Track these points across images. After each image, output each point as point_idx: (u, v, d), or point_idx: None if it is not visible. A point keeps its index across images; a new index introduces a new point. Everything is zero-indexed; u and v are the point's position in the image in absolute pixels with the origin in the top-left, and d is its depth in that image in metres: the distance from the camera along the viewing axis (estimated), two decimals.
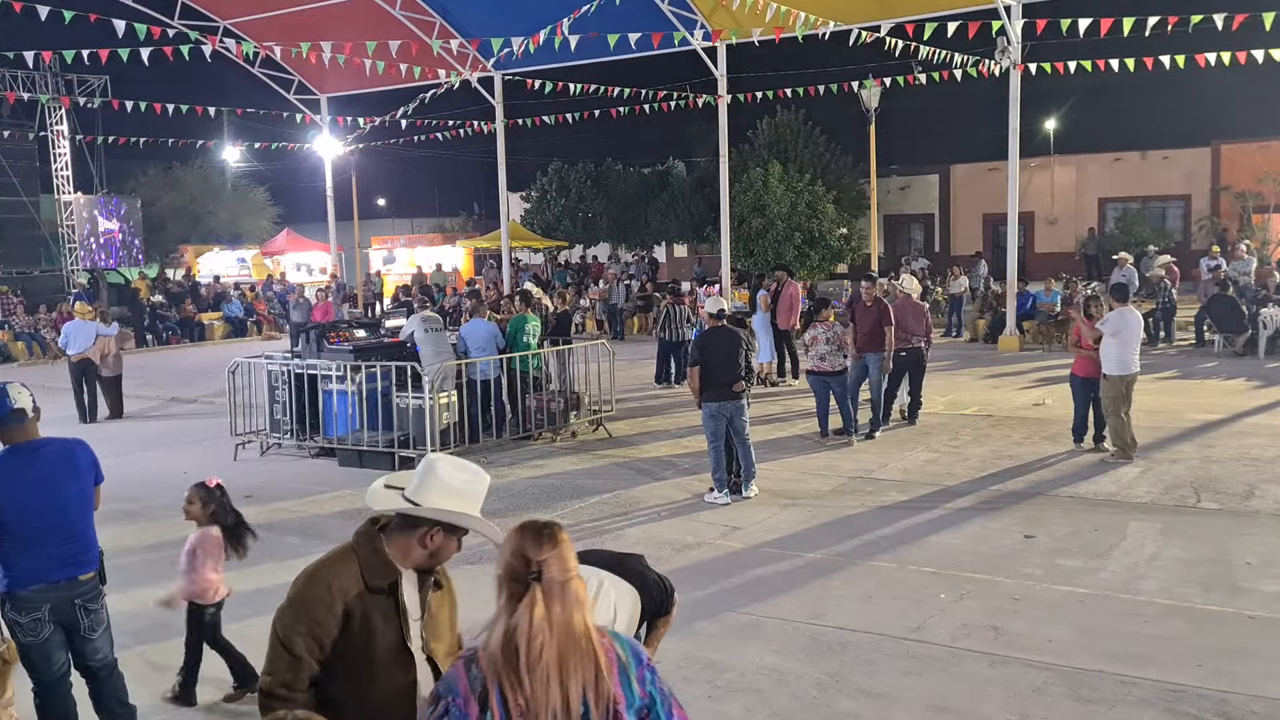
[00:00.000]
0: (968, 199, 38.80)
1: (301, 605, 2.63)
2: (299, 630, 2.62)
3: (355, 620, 2.65)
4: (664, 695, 2.45)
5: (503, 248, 28.39)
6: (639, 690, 2.39)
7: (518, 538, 2.44)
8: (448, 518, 2.74)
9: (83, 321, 15.03)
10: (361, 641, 2.66)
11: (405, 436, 10.86)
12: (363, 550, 2.73)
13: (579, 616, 2.36)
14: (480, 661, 2.35)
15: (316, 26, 22.49)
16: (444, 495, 2.74)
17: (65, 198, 31.17)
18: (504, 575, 2.43)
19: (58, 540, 4.37)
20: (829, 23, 17.82)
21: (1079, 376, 10.59)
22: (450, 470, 2.78)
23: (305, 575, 2.69)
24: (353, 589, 2.65)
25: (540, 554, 2.39)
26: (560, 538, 2.44)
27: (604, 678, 2.32)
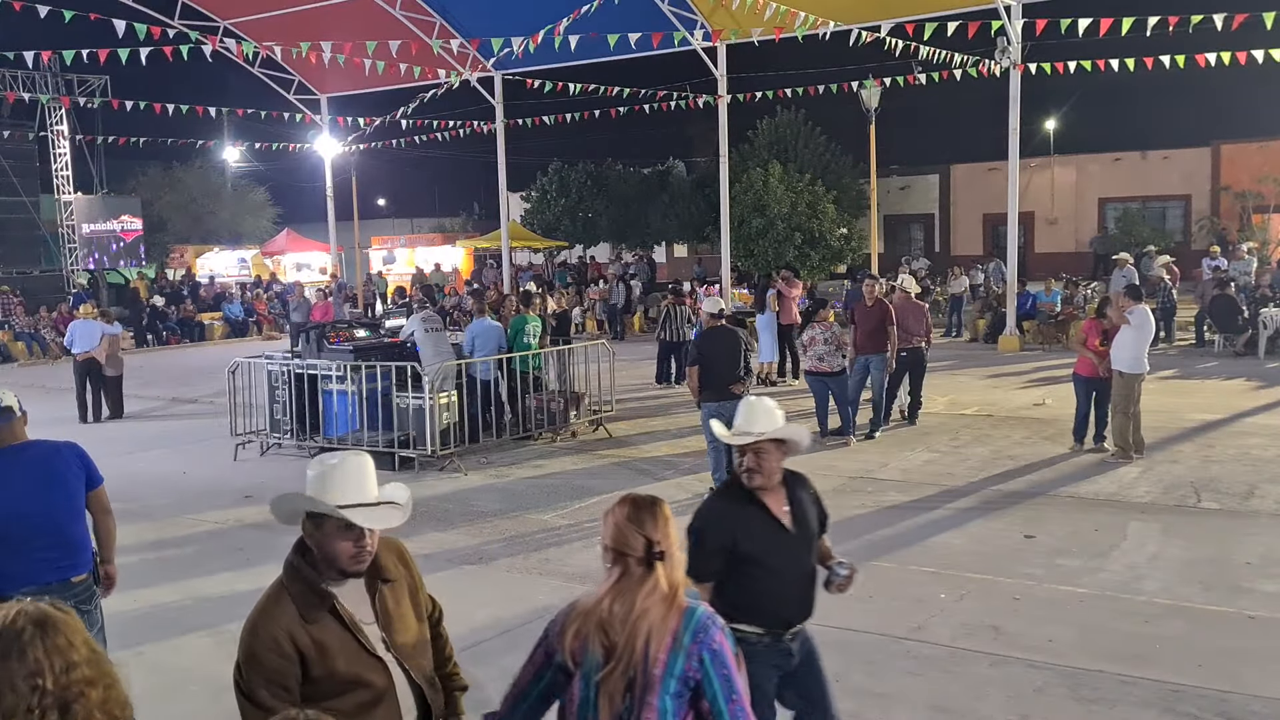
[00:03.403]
0: (968, 199, 38.81)
1: (255, 662, 2.64)
2: (260, 683, 2.62)
3: (310, 654, 2.66)
4: (726, 681, 2.57)
5: (503, 248, 28.39)
6: (684, 664, 2.56)
7: (637, 515, 2.67)
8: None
9: (88, 321, 15.04)
10: (324, 670, 2.68)
11: (405, 436, 10.86)
12: (293, 586, 2.73)
13: (679, 583, 2.64)
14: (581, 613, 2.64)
15: (316, 26, 22.49)
16: (310, 495, 2.73)
17: (65, 198, 31.18)
18: (619, 548, 2.65)
19: (45, 543, 4.35)
20: (829, 23, 17.82)
21: (1082, 376, 10.59)
22: (312, 467, 2.80)
23: (248, 630, 2.69)
24: (296, 627, 2.66)
25: (658, 533, 2.65)
26: (669, 515, 2.72)
27: (663, 635, 2.56)
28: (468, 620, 6.31)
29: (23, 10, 15.14)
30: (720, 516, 3.66)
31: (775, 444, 3.63)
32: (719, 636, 2.60)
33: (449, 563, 7.63)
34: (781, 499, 3.70)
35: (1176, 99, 38.46)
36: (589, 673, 2.61)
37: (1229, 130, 34.87)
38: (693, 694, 2.58)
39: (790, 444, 3.66)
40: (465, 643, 5.96)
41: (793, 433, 3.66)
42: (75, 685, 1.90)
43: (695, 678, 2.57)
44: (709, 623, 2.62)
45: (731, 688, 2.57)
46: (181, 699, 5.47)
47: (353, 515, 2.69)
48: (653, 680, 2.55)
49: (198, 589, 7.20)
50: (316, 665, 2.66)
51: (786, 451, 3.66)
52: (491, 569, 7.45)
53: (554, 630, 2.71)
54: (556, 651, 2.67)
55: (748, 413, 3.67)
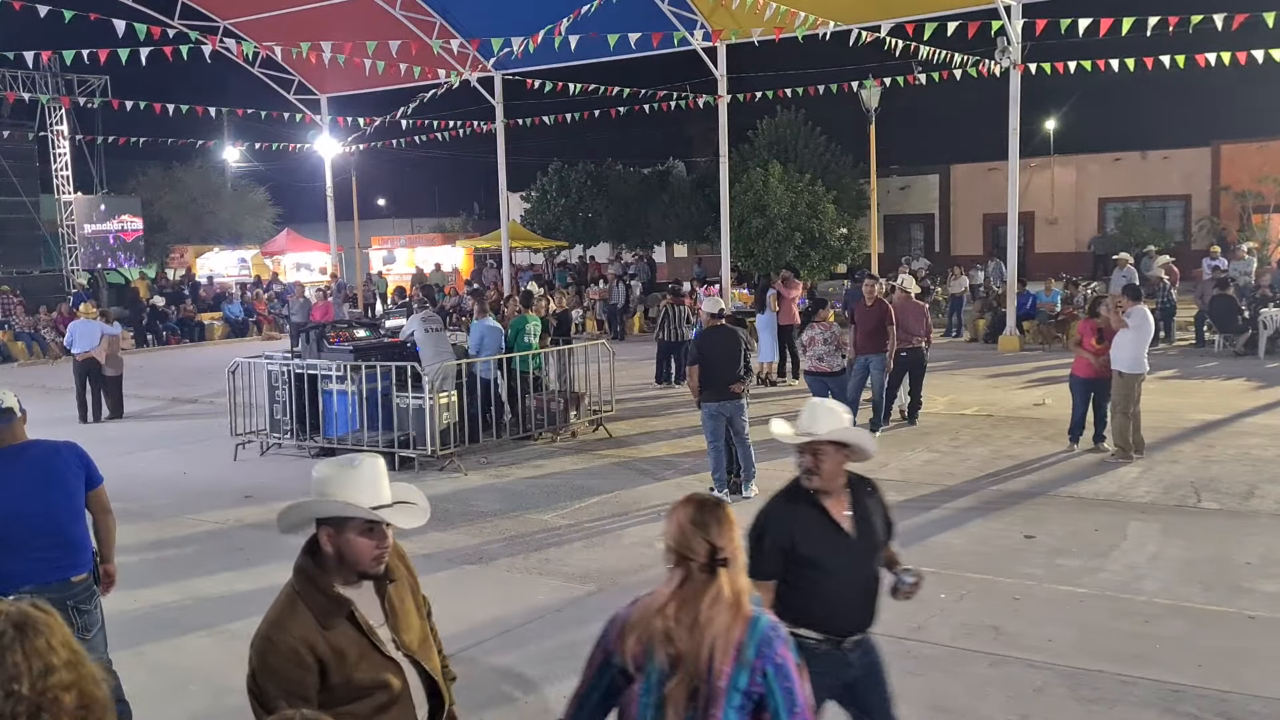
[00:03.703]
0: (968, 199, 38.81)
1: (272, 674, 2.59)
2: (279, 696, 2.57)
3: (330, 662, 2.63)
4: (789, 694, 2.55)
5: (503, 248, 28.39)
6: (748, 678, 2.54)
7: (701, 518, 2.63)
8: (297, 513, 2.75)
9: (88, 321, 15.04)
10: (343, 677, 2.64)
11: (405, 436, 10.86)
12: (307, 593, 2.69)
13: (742, 589, 2.61)
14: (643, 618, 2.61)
15: (316, 26, 22.48)
16: (319, 495, 2.72)
17: (65, 198, 31.18)
18: (682, 551, 2.62)
19: (45, 543, 4.36)
20: (829, 23, 17.82)
21: (1079, 377, 10.59)
22: (318, 469, 2.77)
23: (263, 641, 2.62)
24: (314, 635, 2.62)
25: (722, 538, 2.61)
26: (733, 518, 2.68)
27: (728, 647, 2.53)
28: (468, 620, 6.31)
29: (23, 10, 15.13)
30: (780, 516, 3.61)
31: (836, 447, 3.56)
32: (783, 650, 2.58)
33: (449, 563, 7.63)
34: (844, 503, 3.63)
35: (1176, 99, 38.50)
36: (651, 679, 2.59)
37: (1229, 130, 34.89)
38: (755, 705, 2.56)
39: (855, 448, 3.59)
40: (465, 642, 5.97)
41: (853, 436, 3.59)
42: (51, 690, 1.88)
43: (759, 691, 2.55)
44: (773, 635, 2.59)
45: (794, 700, 2.55)
46: (181, 699, 5.47)
47: (388, 516, 2.69)
48: (717, 693, 2.53)
49: (198, 589, 7.20)
50: (335, 673, 2.63)
51: (849, 455, 3.59)
52: (491, 569, 7.45)
53: (613, 632, 2.69)
54: (615, 653, 2.66)
55: (810, 413, 3.62)
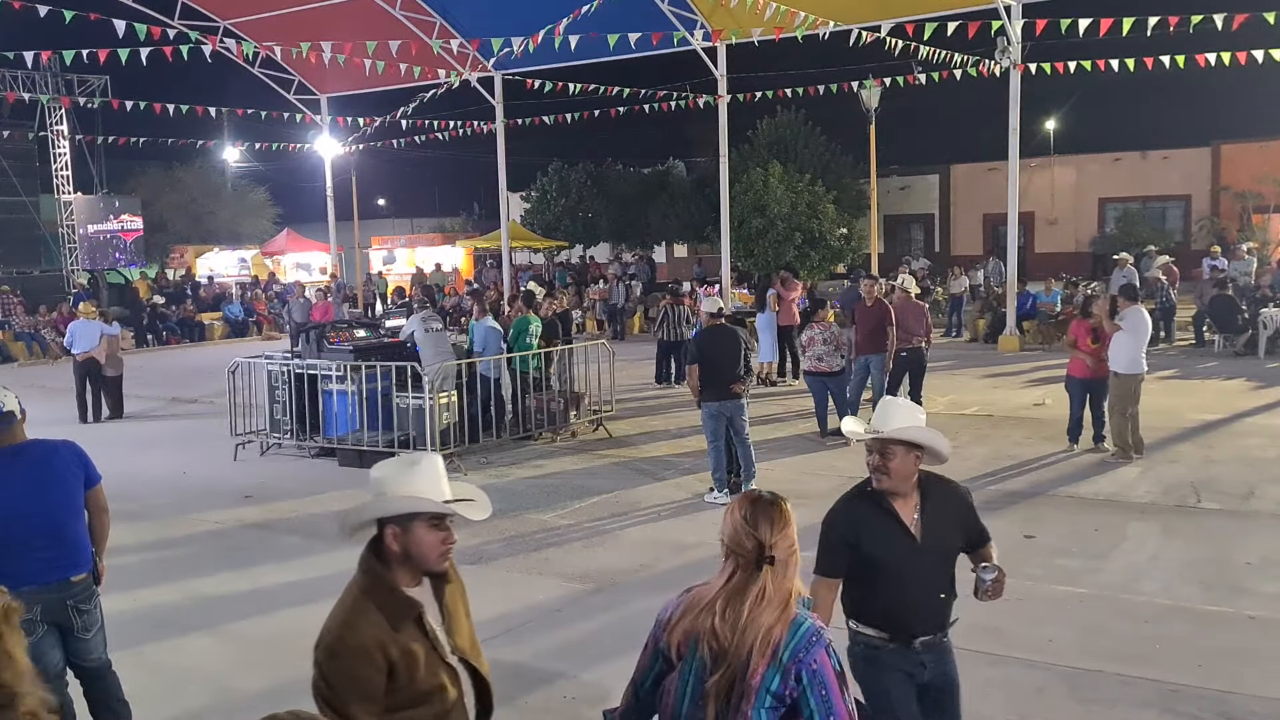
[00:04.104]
0: (968, 199, 38.81)
1: (347, 676, 2.54)
2: (354, 699, 2.54)
3: (399, 665, 2.60)
4: (824, 702, 2.51)
5: (503, 248, 28.39)
6: (781, 681, 2.52)
7: (753, 515, 2.64)
8: (368, 513, 2.70)
9: (88, 321, 15.04)
10: (408, 680, 2.62)
11: (405, 436, 10.86)
12: (377, 595, 2.65)
13: (790, 590, 2.60)
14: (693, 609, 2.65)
15: (316, 26, 22.48)
16: (379, 494, 2.70)
17: (65, 198, 31.17)
18: (733, 547, 2.64)
19: (45, 543, 4.36)
20: (829, 23, 17.81)
21: (1075, 378, 10.58)
22: (378, 470, 2.75)
23: (336, 642, 2.56)
24: (386, 637, 2.60)
25: (773, 537, 2.61)
26: (789, 516, 2.67)
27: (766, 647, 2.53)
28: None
29: (23, 10, 15.13)
30: (848, 513, 3.59)
31: (907, 447, 3.50)
32: (820, 656, 2.53)
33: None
34: (913, 506, 3.55)
35: (1176, 99, 38.52)
36: (689, 669, 2.62)
37: (1229, 130, 34.89)
38: (790, 709, 2.53)
39: (928, 450, 3.53)
40: None
41: (923, 436, 3.50)
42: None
43: (792, 695, 2.52)
44: (812, 640, 2.55)
45: (829, 708, 2.51)
46: (181, 699, 5.47)
47: (465, 511, 2.70)
48: (749, 691, 2.52)
49: (198, 589, 7.20)
50: (402, 676, 2.60)
51: (921, 457, 3.53)
52: (491, 569, 7.44)
53: (663, 620, 2.73)
54: (662, 641, 2.71)
55: (883, 410, 3.58)
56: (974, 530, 3.68)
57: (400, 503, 2.65)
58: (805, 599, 2.68)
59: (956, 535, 3.62)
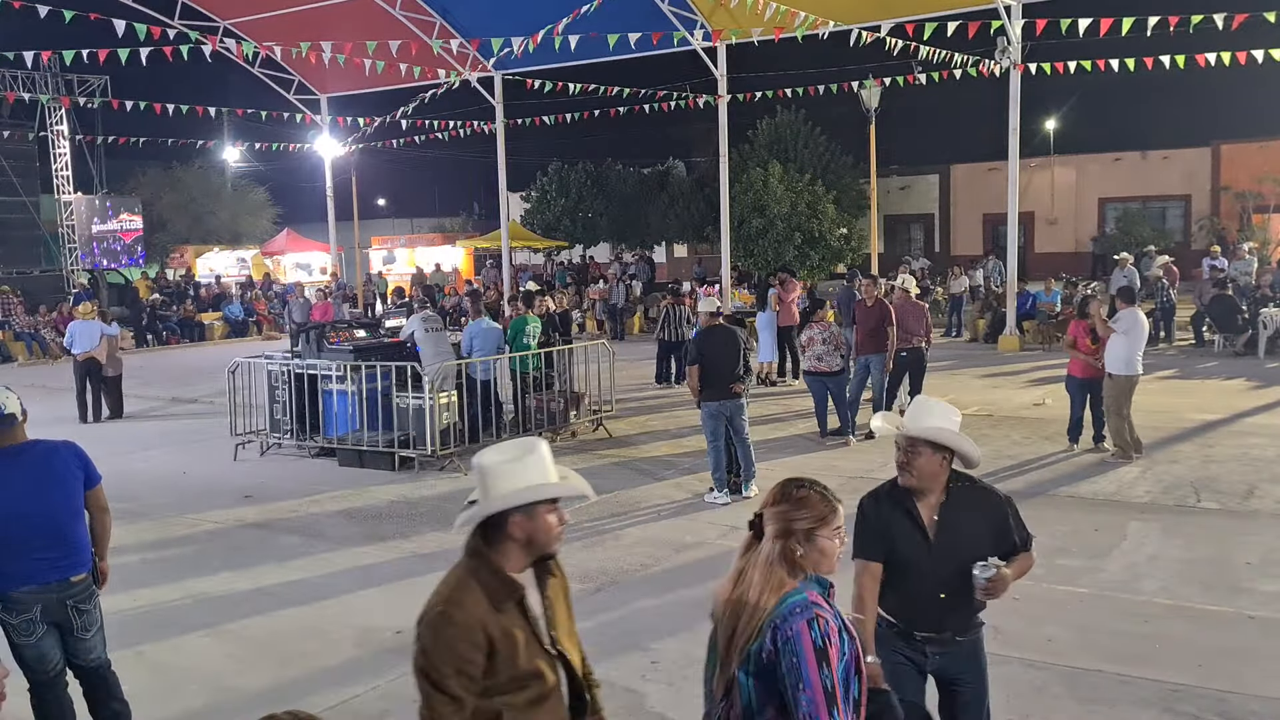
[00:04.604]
0: (968, 199, 38.81)
1: (448, 650, 2.56)
2: (451, 673, 2.55)
3: (499, 645, 2.62)
4: (794, 669, 2.55)
5: (503, 248, 28.39)
6: (759, 645, 2.60)
7: (773, 491, 2.76)
8: (501, 503, 2.71)
9: (87, 321, 15.04)
10: (507, 662, 2.63)
11: (405, 436, 10.86)
12: (481, 575, 2.68)
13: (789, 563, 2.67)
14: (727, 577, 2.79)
15: (316, 26, 22.48)
16: (497, 483, 2.74)
17: (65, 198, 31.16)
18: (763, 524, 2.74)
19: (45, 543, 4.37)
20: (829, 23, 17.81)
21: (1075, 377, 10.59)
22: (493, 459, 2.80)
23: (438, 617, 2.60)
24: (488, 616, 2.62)
25: (772, 509, 2.72)
26: (801, 497, 2.72)
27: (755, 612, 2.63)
28: None
29: (23, 10, 15.13)
30: (874, 505, 3.66)
31: (934, 448, 3.51)
32: (799, 626, 2.56)
33: (449, 563, 7.55)
34: (934, 507, 3.58)
35: (1176, 99, 38.49)
36: (713, 639, 2.76)
37: (1229, 130, 34.88)
38: (774, 677, 2.59)
39: (958, 453, 3.54)
40: None
41: (946, 437, 3.51)
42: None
43: (770, 660, 2.59)
44: (795, 611, 2.59)
45: (799, 676, 2.53)
46: (181, 699, 5.46)
47: (582, 489, 2.81)
48: (735, 652, 2.64)
49: (198, 589, 7.20)
50: (502, 657, 2.62)
51: (948, 459, 3.54)
52: None
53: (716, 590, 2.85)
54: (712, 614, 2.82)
55: (915, 409, 3.61)
56: (1007, 539, 3.65)
57: (532, 492, 2.72)
58: (822, 579, 2.71)
59: (981, 541, 3.59)
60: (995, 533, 3.63)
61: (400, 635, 6.20)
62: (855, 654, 2.65)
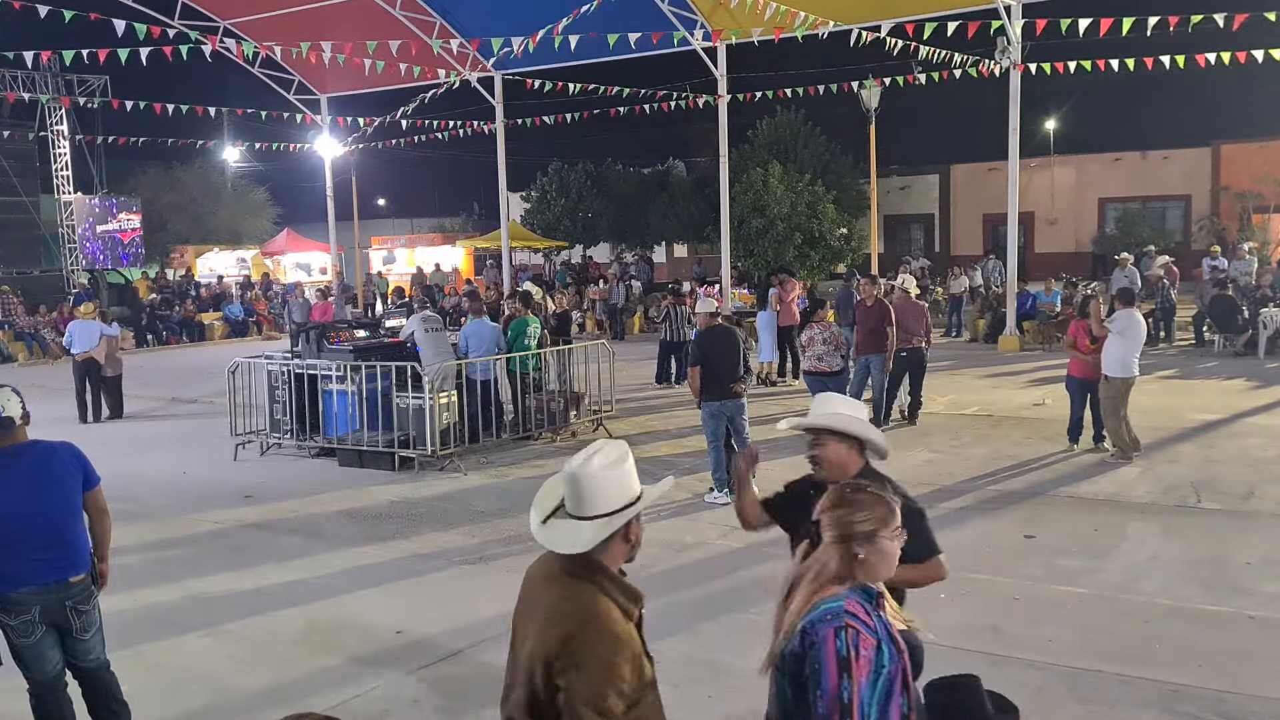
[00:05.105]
0: (968, 199, 38.80)
1: (605, 671, 2.49)
2: (609, 694, 2.48)
3: (636, 655, 2.60)
4: (815, 676, 2.54)
5: (503, 248, 28.39)
6: (789, 648, 2.62)
7: (829, 494, 2.75)
8: (623, 517, 2.72)
9: (87, 321, 15.04)
10: (641, 671, 2.60)
11: (405, 436, 10.86)
12: (606, 586, 2.64)
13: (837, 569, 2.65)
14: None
15: (316, 26, 22.48)
16: (626, 486, 2.74)
17: (65, 198, 31.17)
18: (835, 533, 2.71)
19: (43, 544, 4.37)
20: (829, 23, 17.82)
21: (1075, 378, 10.59)
22: (602, 464, 2.78)
23: (594, 639, 2.50)
24: (624, 627, 2.59)
25: (828, 515, 2.70)
26: (859, 501, 2.70)
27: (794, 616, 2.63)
28: (468, 619, 6.32)
29: (23, 10, 15.13)
30: (791, 490, 3.80)
31: (839, 438, 3.58)
32: (825, 632, 2.54)
33: (449, 563, 7.63)
34: None
35: (1176, 99, 38.49)
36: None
37: (1229, 130, 34.86)
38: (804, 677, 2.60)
39: (869, 445, 3.62)
40: (466, 641, 5.98)
41: (845, 424, 3.58)
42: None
43: (799, 665, 2.60)
44: (826, 617, 2.58)
45: (819, 682, 2.51)
46: (181, 699, 5.46)
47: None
48: (775, 653, 2.66)
49: (198, 589, 7.20)
50: (637, 667, 2.58)
51: (855, 450, 3.61)
52: (491, 569, 7.44)
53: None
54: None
55: (816, 403, 3.72)
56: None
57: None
58: (869, 589, 2.68)
59: None
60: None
61: (400, 635, 6.21)
62: (902, 669, 2.60)
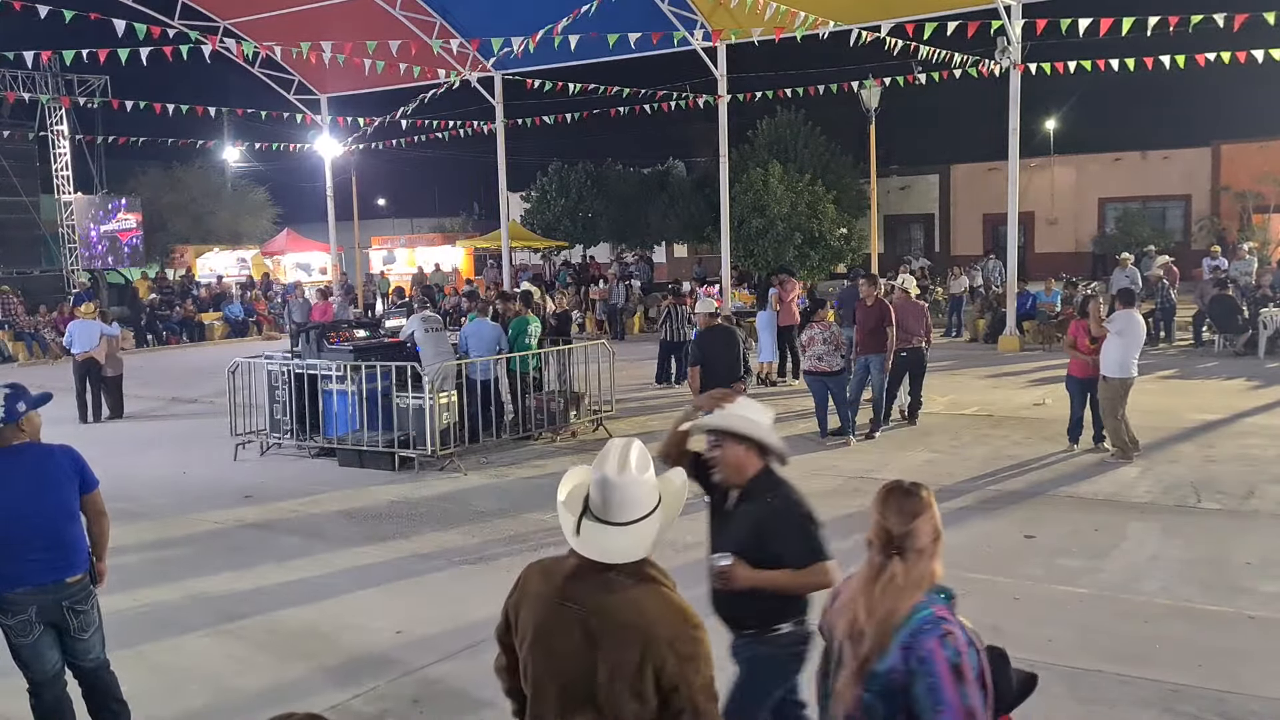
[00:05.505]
0: (968, 199, 38.80)
1: (710, 664, 2.62)
2: (713, 676, 2.62)
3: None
4: (931, 691, 2.50)
5: (503, 248, 28.40)
6: (889, 665, 2.55)
7: (883, 503, 2.70)
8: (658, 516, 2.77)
9: (87, 321, 15.04)
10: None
11: (405, 436, 10.86)
12: (665, 578, 2.71)
13: (921, 577, 2.62)
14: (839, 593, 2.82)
15: (316, 26, 22.48)
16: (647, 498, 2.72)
17: (65, 198, 31.16)
18: (870, 534, 2.71)
19: (39, 545, 4.38)
20: (829, 23, 17.82)
21: (1075, 377, 10.58)
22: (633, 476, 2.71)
23: (700, 634, 2.60)
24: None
25: (901, 525, 2.64)
26: (923, 505, 2.66)
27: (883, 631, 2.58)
28: (467, 619, 6.32)
29: (23, 10, 15.13)
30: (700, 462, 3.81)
31: (734, 438, 3.60)
32: (931, 644, 2.53)
33: (449, 563, 7.63)
34: (732, 501, 3.73)
35: (1176, 99, 38.51)
36: (833, 653, 2.75)
37: (1229, 130, 34.87)
38: (904, 695, 2.55)
39: (771, 450, 3.64)
40: (465, 641, 5.97)
41: (731, 422, 3.61)
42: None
43: (901, 681, 2.54)
44: (925, 628, 2.55)
45: (938, 698, 2.49)
46: (181, 699, 5.46)
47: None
48: (864, 674, 2.59)
49: (198, 589, 7.20)
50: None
51: (752, 451, 3.63)
52: (491, 569, 7.44)
53: (824, 609, 2.88)
54: (823, 628, 2.85)
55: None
56: (769, 547, 3.59)
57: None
58: (944, 590, 2.68)
59: (741, 540, 3.62)
60: (756, 535, 3.62)
61: (400, 635, 6.21)
62: (983, 667, 2.59)
